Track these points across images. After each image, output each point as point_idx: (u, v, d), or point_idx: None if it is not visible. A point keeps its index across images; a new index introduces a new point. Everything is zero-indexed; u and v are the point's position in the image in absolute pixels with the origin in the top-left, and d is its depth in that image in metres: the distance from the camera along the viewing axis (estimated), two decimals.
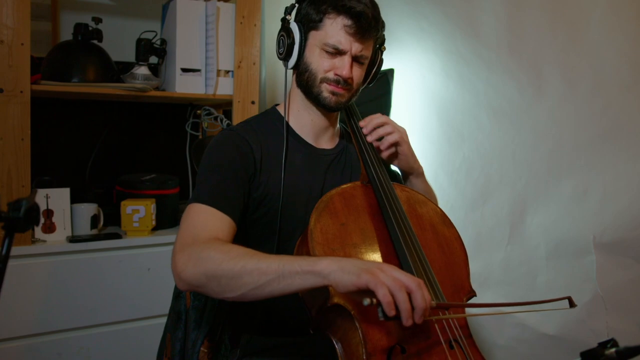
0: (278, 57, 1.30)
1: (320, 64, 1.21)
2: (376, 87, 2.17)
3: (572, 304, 1.06)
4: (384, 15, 1.27)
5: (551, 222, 1.93)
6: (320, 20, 1.20)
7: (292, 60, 1.25)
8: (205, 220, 1.10)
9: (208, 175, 1.19)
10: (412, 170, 1.35)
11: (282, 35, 1.26)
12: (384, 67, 2.18)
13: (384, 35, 1.31)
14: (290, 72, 1.31)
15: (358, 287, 0.86)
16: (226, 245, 1.04)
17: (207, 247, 1.02)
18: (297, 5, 1.27)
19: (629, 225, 1.82)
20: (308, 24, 1.23)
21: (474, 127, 2.08)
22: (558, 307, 1.07)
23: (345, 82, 1.22)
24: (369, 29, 1.20)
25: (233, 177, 1.18)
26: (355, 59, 1.22)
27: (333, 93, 1.23)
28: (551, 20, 1.94)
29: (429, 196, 1.37)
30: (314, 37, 1.22)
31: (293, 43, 1.23)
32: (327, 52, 1.20)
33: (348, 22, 1.18)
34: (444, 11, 2.12)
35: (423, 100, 2.21)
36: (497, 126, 2.04)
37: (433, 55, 2.16)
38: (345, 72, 1.20)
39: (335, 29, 1.19)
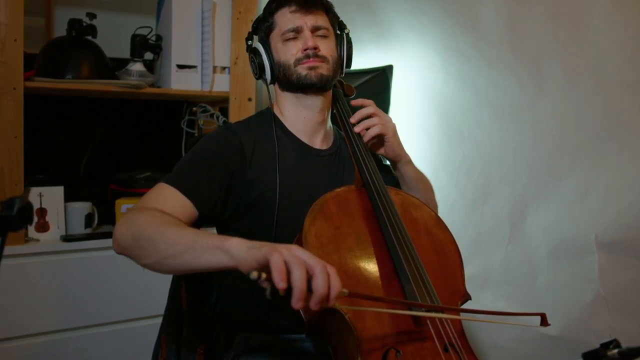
0: (256, 78, 1.35)
1: (287, 52, 1.27)
2: (375, 84, 2.16)
3: (544, 322, 1.05)
4: (384, 11, 1.26)
5: (552, 222, 1.92)
6: (272, 21, 1.29)
7: (268, 72, 1.30)
8: (163, 197, 1.12)
9: (186, 162, 1.22)
10: (399, 159, 1.36)
11: (251, 57, 1.32)
12: (383, 63, 2.19)
13: (336, 14, 1.36)
14: (272, 87, 1.35)
15: (258, 260, 0.81)
16: (161, 213, 1.05)
17: (144, 212, 1.04)
18: (252, 33, 1.35)
19: (631, 224, 1.81)
20: (265, 33, 1.31)
21: (474, 126, 2.07)
22: (528, 324, 1.06)
23: (315, 54, 1.25)
24: (311, 0, 1.28)
25: (210, 168, 1.19)
26: (316, 33, 1.27)
27: (310, 68, 1.25)
28: (552, 16, 1.92)
29: (423, 184, 1.40)
30: (272, 38, 1.29)
31: (261, 57, 1.29)
32: (287, 40, 1.26)
33: (290, 6, 1.26)
34: (444, 7, 2.11)
35: (423, 97, 2.20)
36: (498, 125, 2.03)
37: (433, 52, 2.15)
38: (309, 42, 1.24)
39: (284, 18, 1.27)
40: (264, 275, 0.78)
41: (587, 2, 1.88)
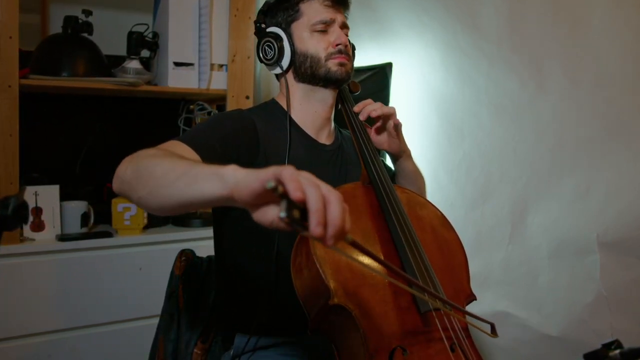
0: (267, 65, 1.32)
1: (317, 45, 1.26)
2: (374, 82, 2.15)
3: (493, 332, 1.07)
4: (384, 8, 1.26)
5: (553, 221, 1.92)
6: (297, 10, 1.27)
7: (286, 60, 1.28)
8: (174, 148, 1.05)
9: (201, 129, 1.19)
10: (402, 154, 1.38)
11: (268, 41, 1.29)
12: (382, 61, 2.18)
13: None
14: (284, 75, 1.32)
15: (262, 181, 0.67)
16: (168, 150, 1.00)
17: (150, 149, 0.98)
18: (264, 17, 1.33)
19: (633, 224, 1.80)
20: (286, 20, 1.28)
21: (474, 125, 2.07)
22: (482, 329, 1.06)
23: (345, 51, 1.27)
24: None
25: (226, 137, 1.16)
26: (343, 30, 1.29)
27: (341, 64, 1.26)
28: (553, 12, 1.92)
29: (420, 177, 1.43)
30: (297, 27, 1.28)
31: (282, 42, 1.27)
32: (317, 31, 1.26)
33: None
34: (445, 5, 2.10)
35: (422, 96, 2.19)
36: (498, 123, 2.02)
37: (433, 50, 2.14)
38: (343, 39, 1.27)
39: (315, 9, 1.27)
40: (280, 189, 0.65)
41: (588, 1, 1.87)
